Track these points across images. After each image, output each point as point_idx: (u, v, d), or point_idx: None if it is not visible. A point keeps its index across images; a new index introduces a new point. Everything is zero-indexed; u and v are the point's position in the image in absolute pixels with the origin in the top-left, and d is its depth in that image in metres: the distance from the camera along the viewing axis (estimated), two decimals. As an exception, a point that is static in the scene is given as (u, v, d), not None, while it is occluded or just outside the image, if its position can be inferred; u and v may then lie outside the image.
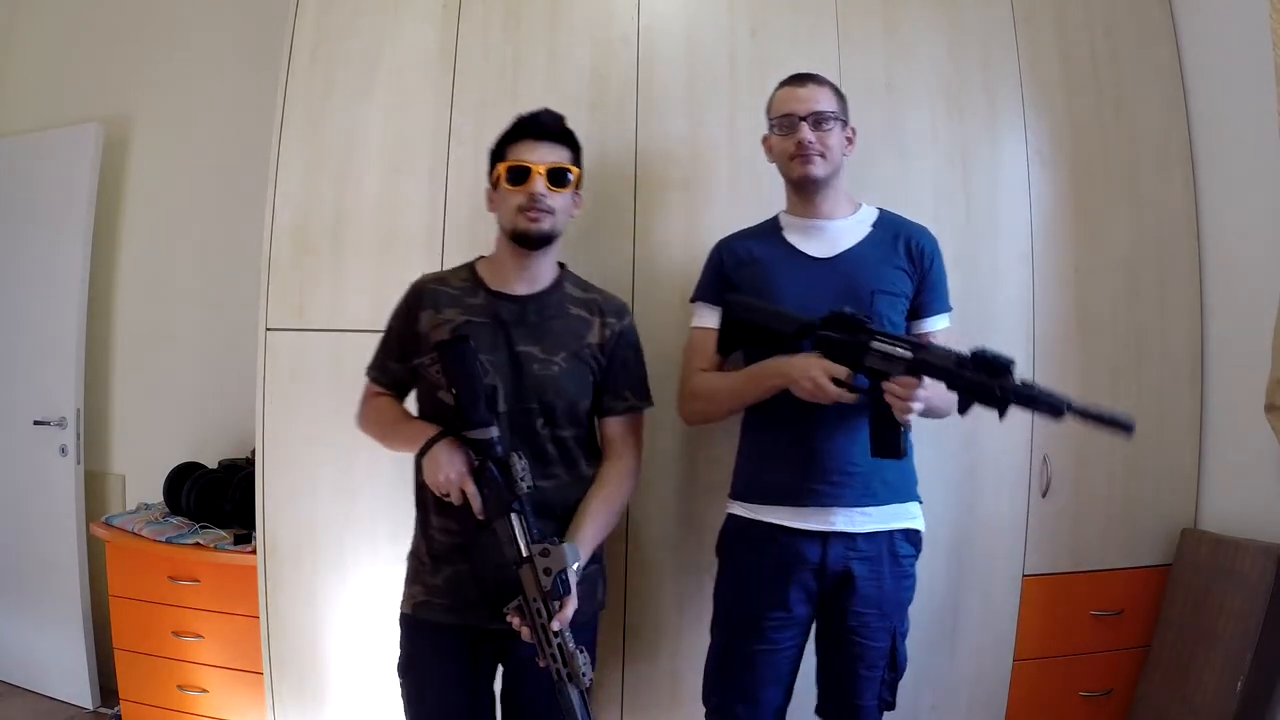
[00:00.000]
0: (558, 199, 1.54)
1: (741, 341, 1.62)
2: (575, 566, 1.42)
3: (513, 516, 1.41)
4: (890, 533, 1.59)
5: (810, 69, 1.85)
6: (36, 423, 2.82)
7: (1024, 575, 2.04)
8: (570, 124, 1.65)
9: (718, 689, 1.63)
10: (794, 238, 1.67)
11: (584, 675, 1.37)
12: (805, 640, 1.63)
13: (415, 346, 1.58)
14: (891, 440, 1.46)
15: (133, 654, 2.37)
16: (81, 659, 2.77)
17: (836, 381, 1.45)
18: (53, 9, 3.08)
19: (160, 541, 2.31)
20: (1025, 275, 2.04)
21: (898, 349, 1.43)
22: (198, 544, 2.27)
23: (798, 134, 1.59)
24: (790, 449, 1.58)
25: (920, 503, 1.65)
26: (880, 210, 1.70)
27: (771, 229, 1.71)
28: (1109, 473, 2.07)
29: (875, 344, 1.44)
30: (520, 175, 1.52)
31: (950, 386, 1.40)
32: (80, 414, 2.80)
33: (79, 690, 2.79)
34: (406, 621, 1.61)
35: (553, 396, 1.53)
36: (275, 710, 2.04)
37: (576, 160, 1.60)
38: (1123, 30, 2.15)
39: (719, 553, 1.70)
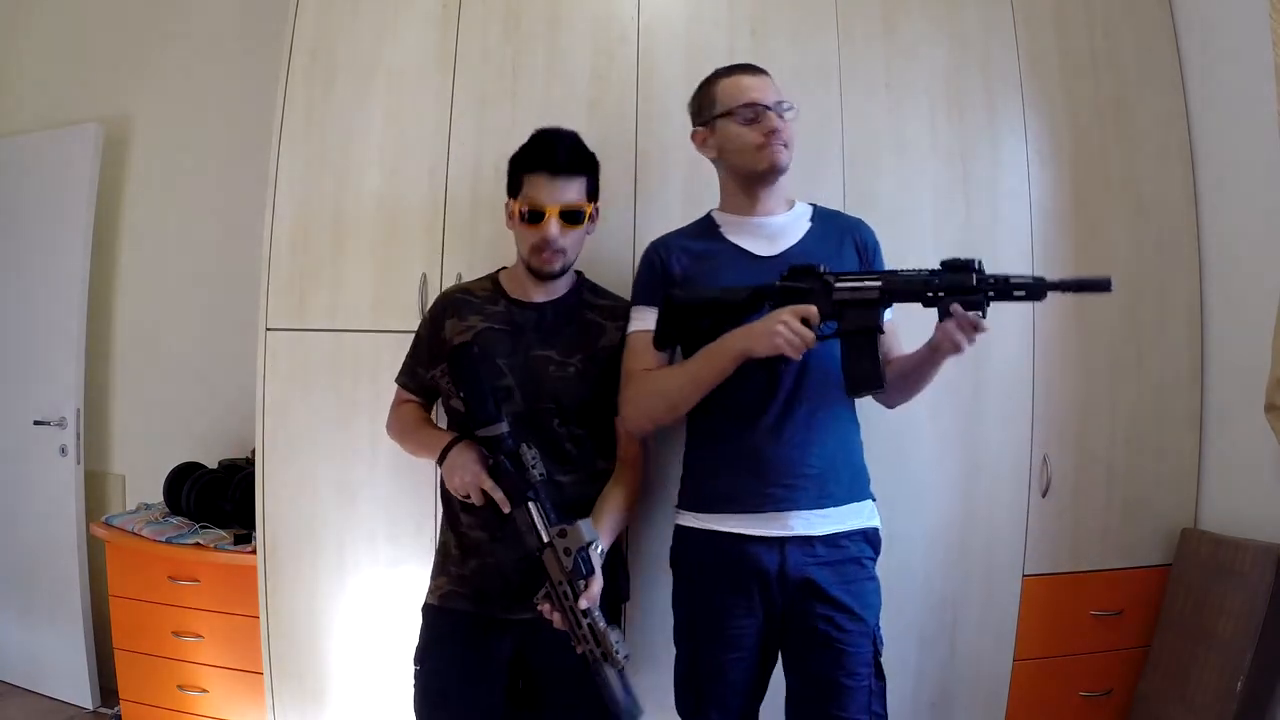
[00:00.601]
0: (571, 236, 1.61)
1: (683, 333, 1.54)
2: (599, 550, 1.46)
3: (530, 505, 1.45)
4: (850, 535, 1.53)
5: (810, 68, 1.85)
6: (36, 423, 2.82)
7: (1024, 575, 2.03)
8: (570, 125, 1.66)
9: (691, 700, 1.58)
10: (735, 237, 1.62)
11: (618, 654, 1.38)
12: (772, 648, 1.57)
13: (441, 353, 1.65)
14: (871, 369, 1.41)
15: (133, 654, 2.37)
16: (81, 659, 2.77)
17: (806, 324, 1.39)
18: (53, 9, 3.08)
19: (160, 541, 2.31)
20: (1025, 275, 2.04)
21: (865, 281, 1.42)
22: (198, 544, 2.28)
23: (768, 122, 1.55)
24: (742, 455, 1.52)
25: (875, 500, 1.61)
26: (814, 205, 1.68)
27: (708, 228, 1.67)
28: (1109, 473, 2.07)
29: (840, 284, 1.43)
30: (534, 216, 1.58)
31: (926, 303, 1.38)
32: (80, 414, 2.80)
33: (79, 690, 2.79)
34: (430, 611, 1.65)
35: (568, 397, 1.60)
36: (275, 710, 2.04)
37: (593, 185, 1.64)
38: (1122, 30, 2.15)
39: (673, 565, 1.64)
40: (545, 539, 1.44)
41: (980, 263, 1.37)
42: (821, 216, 1.66)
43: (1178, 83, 2.16)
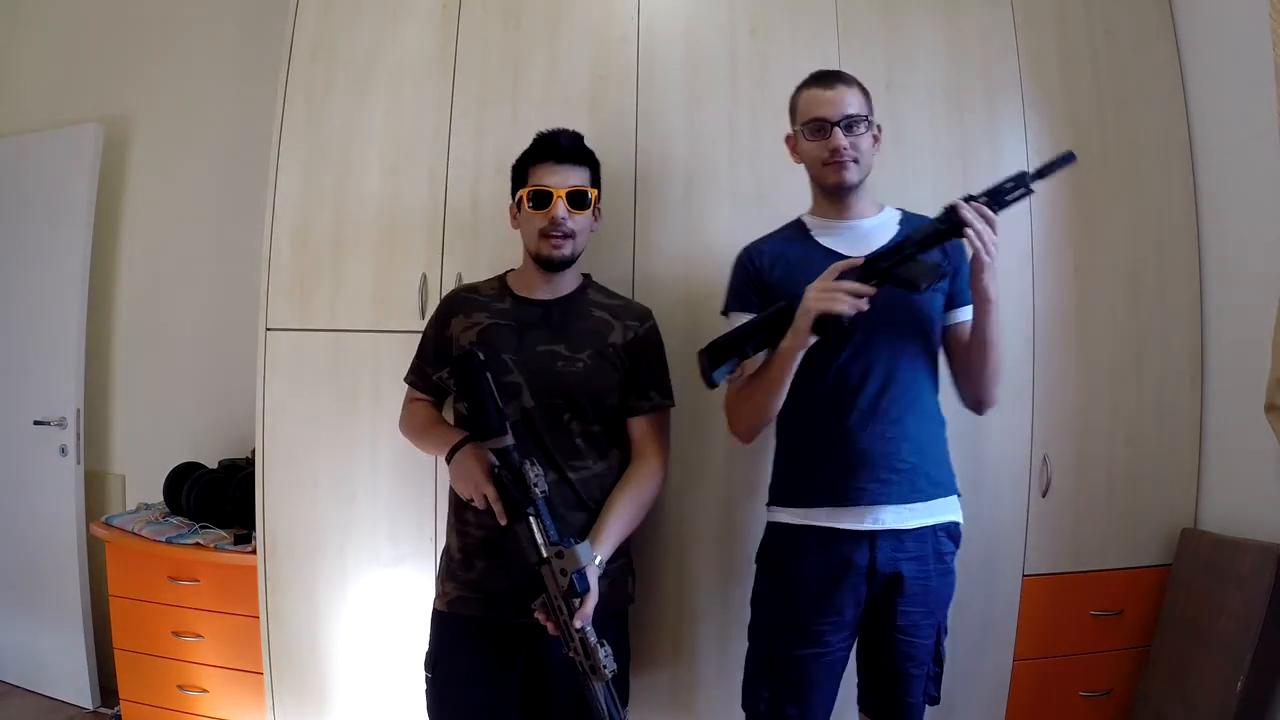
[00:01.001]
0: (579, 220, 1.62)
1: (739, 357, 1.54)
2: (598, 560, 1.50)
3: (530, 520, 1.46)
4: (934, 530, 1.58)
5: (810, 68, 1.84)
6: (36, 423, 2.82)
7: (1024, 575, 2.04)
8: (570, 125, 1.67)
9: (766, 694, 1.61)
10: (826, 240, 1.64)
11: (605, 669, 1.41)
12: (854, 640, 1.63)
13: (448, 352, 1.66)
14: (925, 268, 1.46)
15: (133, 654, 2.37)
16: (81, 659, 2.77)
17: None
18: (53, 9, 3.08)
19: (160, 541, 2.31)
20: (1025, 275, 2.04)
21: (891, 251, 1.47)
22: (198, 544, 2.28)
23: (831, 140, 1.56)
24: (832, 447, 1.56)
25: (959, 496, 1.65)
26: (901, 210, 1.70)
27: (799, 232, 1.68)
28: (1109, 473, 2.07)
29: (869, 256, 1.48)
30: (542, 199, 1.60)
31: (946, 237, 1.45)
32: (80, 414, 2.80)
33: (79, 690, 2.79)
34: (439, 618, 1.65)
35: (578, 392, 1.60)
36: (275, 710, 2.05)
37: (595, 178, 1.68)
38: (1123, 30, 2.15)
39: (761, 560, 1.68)
40: (544, 555, 1.45)
41: (968, 272, 1.48)
42: (910, 222, 1.67)
43: (1178, 83, 2.16)
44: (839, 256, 1.57)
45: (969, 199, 1.45)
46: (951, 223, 1.44)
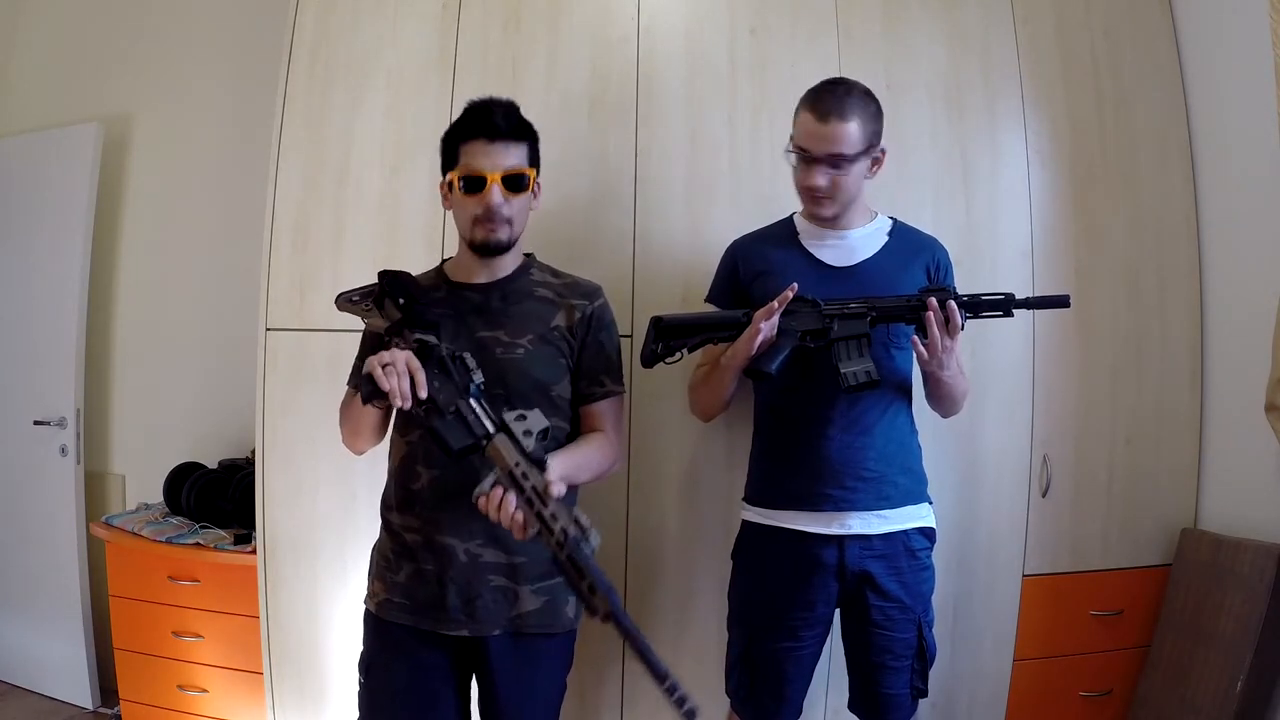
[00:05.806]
0: (515, 204, 1.49)
1: (667, 352, 1.59)
2: (558, 491, 1.30)
3: (470, 401, 1.33)
4: (905, 531, 1.61)
5: (810, 68, 1.84)
6: (36, 423, 2.82)
7: (1024, 575, 2.04)
8: (570, 125, 1.65)
9: (745, 683, 1.65)
10: (812, 245, 1.66)
11: (586, 525, 1.24)
12: (827, 633, 1.66)
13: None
14: (861, 367, 1.49)
15: (133, 654, 2.37)
16: (81, 659, 2.77)
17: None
18: (53, 9, 3.08)
19: (160, 541, 2.31)
20: (1025, 275, 2.04)
21: (854, 306, 1.52)
22: (198, 544, 2.28)
23: (812, 175, 1.55)
24: (802, 454, 1.60)
25: (931, 503, 1.68)
26: (894, 220, 1.71)
27: (787, 234, 1.69)
28: (1109, 473, 2.08)
29: (827, 308, 1.52)
30: (475, 185, 1.46)
31: (909, 321, 1.51)
32: (80, 414, 2.80)
33: (79, 690, 2.79)
34: (370, 620, 1.56)
35: (515, 379, 1.48)
36: (275, 710, 2.05)
37: (534, 154, 1.53)
38: (1123, 30, 2.15)
39: (736, 557, 1.72)
40: (501, 420, 1.29)
41: (954, 288, 1.50)
42: (899, 233, 1.69)
43: (1178, 83, 2.16)
44: (823, 264, 1.63)
45: (955, 297, 1.47)
46: (919, 311, 1.47)
